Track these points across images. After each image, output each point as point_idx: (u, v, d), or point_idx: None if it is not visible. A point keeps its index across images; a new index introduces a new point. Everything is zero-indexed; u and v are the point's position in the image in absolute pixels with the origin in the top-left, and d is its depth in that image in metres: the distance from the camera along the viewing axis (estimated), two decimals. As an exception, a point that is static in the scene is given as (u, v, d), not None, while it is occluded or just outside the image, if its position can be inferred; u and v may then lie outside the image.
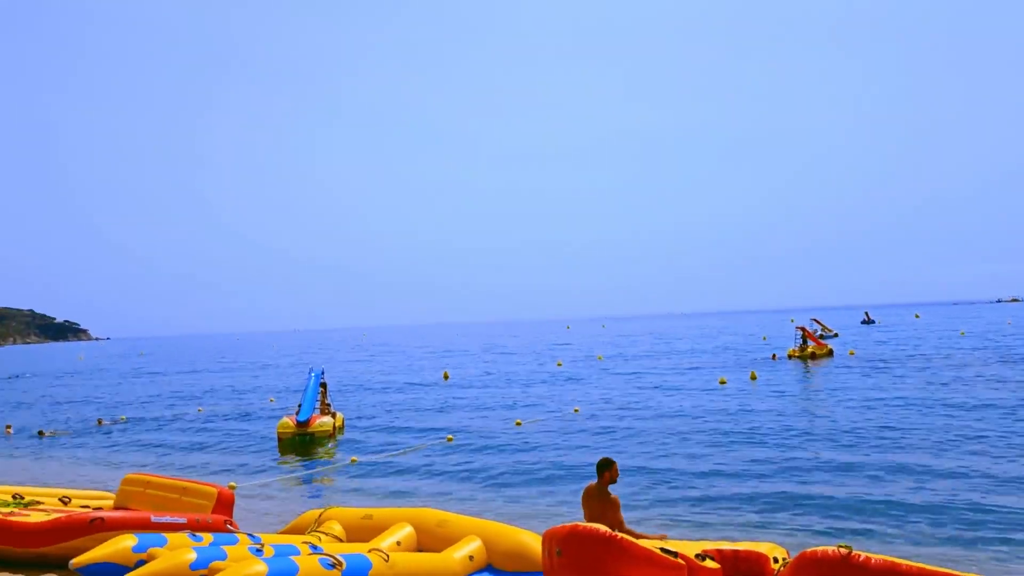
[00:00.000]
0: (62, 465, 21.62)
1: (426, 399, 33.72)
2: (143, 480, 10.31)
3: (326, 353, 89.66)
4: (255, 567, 6.27)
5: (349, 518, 8.79)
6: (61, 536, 8.37)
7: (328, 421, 23.57)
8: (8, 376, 75.06)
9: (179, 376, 63.19)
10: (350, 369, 57.84)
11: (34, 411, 38.61)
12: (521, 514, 13.35)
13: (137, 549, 7.25)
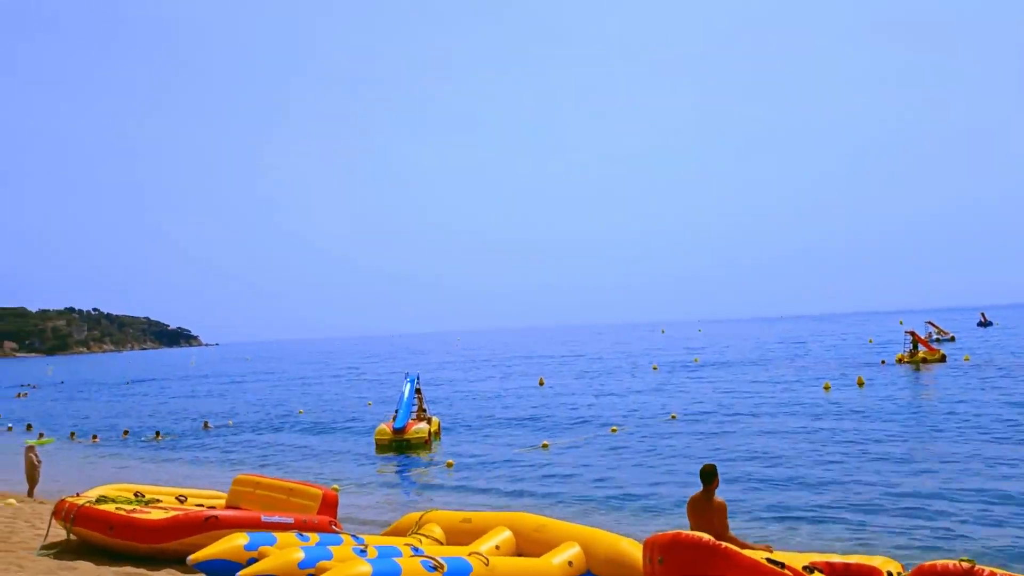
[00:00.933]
0: (174, 465, 22.73)
1: (521, 404, 33.85)
2: (253, 481, 10.70)
3: (421, 358, 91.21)
4: (360, 567, 6.41)
5: (448, 521, 8.88)
6: (179, 533, 8.79)
7: (424, 427, 23.94)
8: (127, 381, 79.52)
9: (282, 380, 65.53)
10: (445, 374, 58.68)
11: (149, 414, 40.77)
12: (617, 521, 13.22)
13: (249, 547, 7.53)
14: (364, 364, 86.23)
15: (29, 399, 57.93)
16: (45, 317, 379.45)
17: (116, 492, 10.27)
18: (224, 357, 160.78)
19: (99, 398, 56.09)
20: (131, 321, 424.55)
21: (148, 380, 78.78)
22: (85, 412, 43.95)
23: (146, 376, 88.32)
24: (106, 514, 8.97)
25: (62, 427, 34.19)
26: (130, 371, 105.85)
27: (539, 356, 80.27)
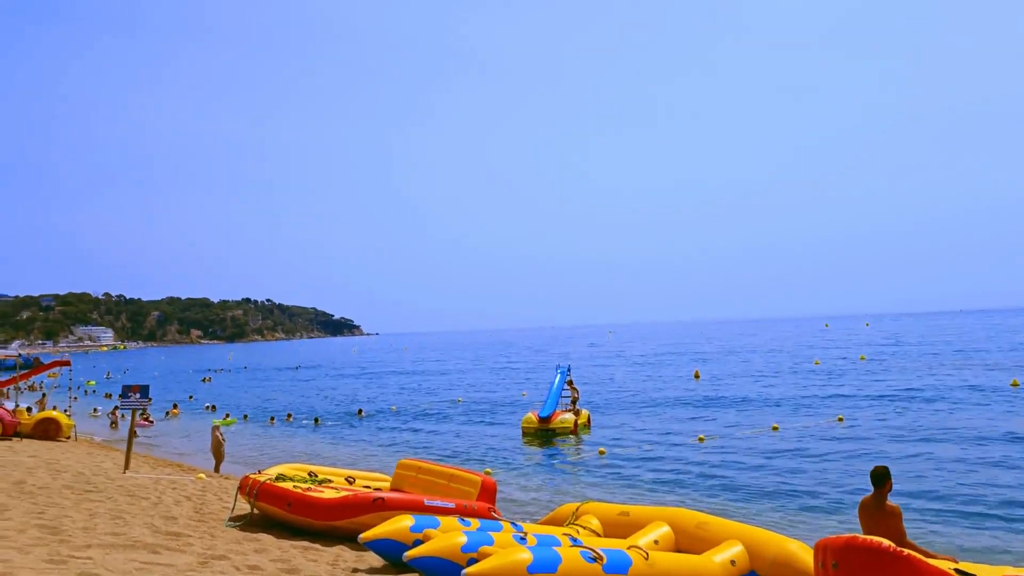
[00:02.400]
0: (337, 447, 23.97)
1: (676, 398, 33.24)
2: (415, 465, 11.11)
3: (573, 350, 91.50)
4: (521, 554, 6.50)
5: (606, 513, 8.85)
6: (349, 512, 9.26)
7: (569, 418, 24.05)
8: (296, 367, 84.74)
9: (440, 369, 67.71)
10: (597, 366, 58.57)
11: (316, 399, 43.25)
12: (778, 520, 12.73)
13: (414, 529, 7.82)
14: (519, 356, 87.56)
15: (212, 383, 62.92)
16: (225, 307, 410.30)
17: (293, 471, 10.95)
18: (383, 347, 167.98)
19: (271, 383, 60.11)
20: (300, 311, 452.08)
21: (315, 367, 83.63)
22: (260, 396, 47.21)
23: (313, 363, 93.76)
24: (285, 491, 9.58)
25: (241, 409, 36.86)
26: (299, 358, 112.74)
27: (699, 349, 78.57)
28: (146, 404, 16.14)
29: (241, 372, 79.33)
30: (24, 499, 10.37)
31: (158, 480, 14.02)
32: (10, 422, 20.98)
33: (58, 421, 22.50)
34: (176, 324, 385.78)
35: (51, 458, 16.42)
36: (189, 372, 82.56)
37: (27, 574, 6.30)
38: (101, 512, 9.70)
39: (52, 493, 11.06)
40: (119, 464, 15.98)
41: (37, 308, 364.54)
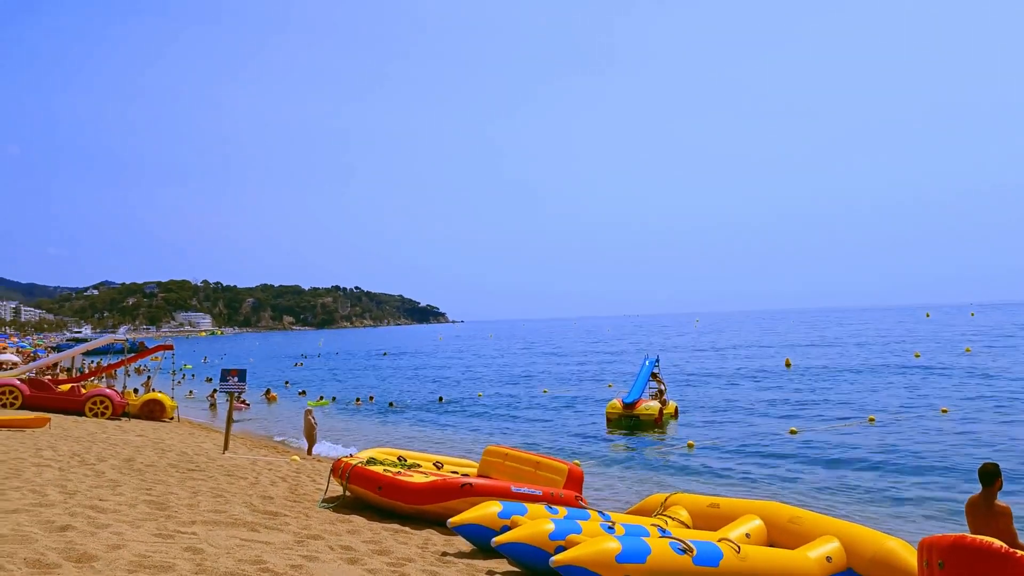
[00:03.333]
0: (420, 433, 24.38)
1: (766, 388, 32.50)
2: (502, 452, 11.19)
3: (659, 339, 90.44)
4: (609, 543, 6.46)
5: (695, 505, 8.72)
6: (438, 496, 9.40)
7: (654, 406, 23.78)
8: (383, 353, 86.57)
9: (523, 357, 68.02)
10: (684, 355, 57.73)
11: (399, 385, 44.09)
12: (872, 518, 12.29)
13: (502, 515, 7.89)
14: (603, 344, 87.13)
15: (304, 368, 64.91)
16: (316, 295, 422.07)
17: (383, 455, 11.19)
18: (468, 334, 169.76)
19: (359, 369, 61.59)
20: (387, 299, 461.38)
21: (401, 354, 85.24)
22: (348, 381, 48.45)
23: (399, 350, 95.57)
24: (376, 475, 9.80)
25: (329, 394, 37.90)
26: (385, 345, 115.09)
27: (790, 338, 76.53)
28: (243, 388, 16.75)
29: (331, 358, 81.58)
30: (134, 476, 10.93)
31: (255, 461, 14.55)
32: (119, 403, 22.12)
33: (162, 402, 23.60)
34: (269, 311, 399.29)
35: (157, 438, 17.25)
36: (282, 357, 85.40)
37: (138, 547, 6.63)
38: (203, 490, 10.13)
39: (158, 471, 11.61)
40: (218, 445, 16.66)
41: (142, 295, 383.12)
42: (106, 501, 8.73)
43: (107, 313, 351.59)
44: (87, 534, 6.99)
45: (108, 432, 17.50)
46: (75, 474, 10.65)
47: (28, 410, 20.17)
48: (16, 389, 21.49)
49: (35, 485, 9.48)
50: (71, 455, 12.58)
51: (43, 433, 15.71)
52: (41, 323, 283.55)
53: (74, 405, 21.51)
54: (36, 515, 7.69)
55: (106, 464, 11.83)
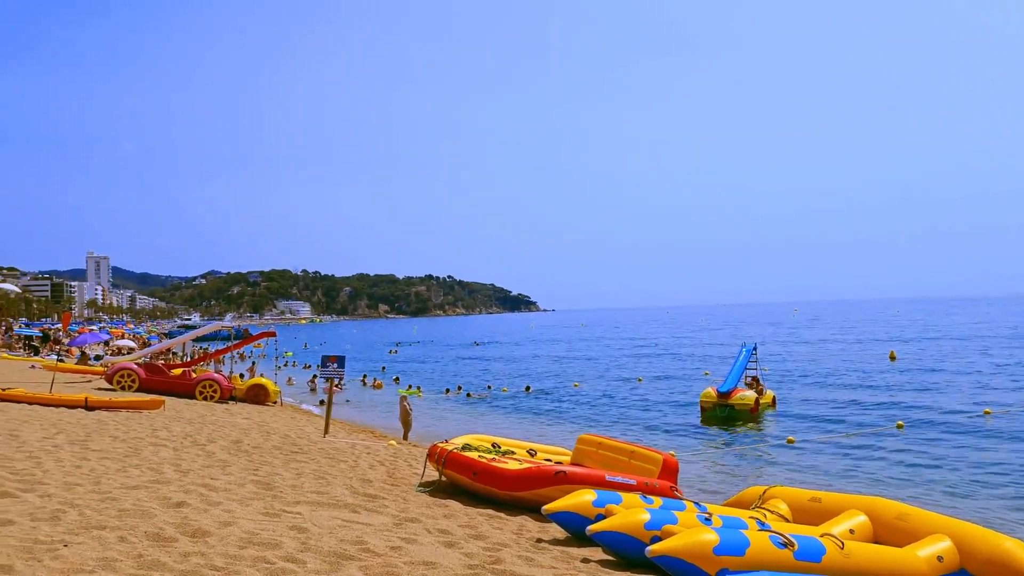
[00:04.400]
0: (511, 421, 24.55)
1: (869, 380, 31.32)
2: (595, 441, 11.14)
3: (757, 328, 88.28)
4: (706, 535, 6.36)
5: (795, 498, 8.49)
6: (532, 484, 9.45)
7: (750, 395, 23.20)
8: (475, 342, 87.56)
9: (616, 346, 67.59)
10: (782, 346, 56.19)
11: (490, 372, 44.49)
12: (985, 517, 11.68)
13: (596, 504, 7.86)
14: (698, 333, 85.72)
15: (399, 355, 66.33)
16: (410, 283, 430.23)
17: (477, 441, 11.33)
18: (560, 323, 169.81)
19: (452, 356, 62.50)
20: (479, 287, 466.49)
21: (493, 342, 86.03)
22: (440, 368, 49.25)
23: (491, 338, 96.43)
24: (471, 460, 9.93)
25: (423, 381, 38.61)
26: (477, 333, 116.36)
27: (893, 329, 73.51)
28: (342, 374, 17.25)
29: (425, 345, 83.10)
30: (241, 456, 11.43)
31: (354, 445, 14.98)
32: (227, 387, 23.15)
33: (266, 387, 24.56)
34: (365, 299, 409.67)
35: (261, 421, 17.97)
36: (378, 344, 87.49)
37: (247, 524, 6.94)
38: (306, 472, 10.51)
39: (264, 453, 12.10)
40: (319, 429, 17.22)
41: (246, 284, 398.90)
42: (217, 480, 9.16)
43: (214, 301, 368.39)
44: (200, 511, 7.36)
45: (217, 415, 18.34)
46: (188, 454, 11.21)
47: (144, 393, 21.34)
48: (134, 373, 22.78)
49: (152, 463, 10.03)
50: (184, 436, 13.25)
51: (158, 415, 16.60)
52: (154, 311, 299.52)
53: (185, 389, 22.63)
54: (154, 491, 8.14)
55: (216, 445, 12.41)
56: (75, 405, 16.67)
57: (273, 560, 5.87)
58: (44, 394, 17.45)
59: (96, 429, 13.09)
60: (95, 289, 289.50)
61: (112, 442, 11.68)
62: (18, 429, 12.31)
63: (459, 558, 6.52)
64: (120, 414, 16.06)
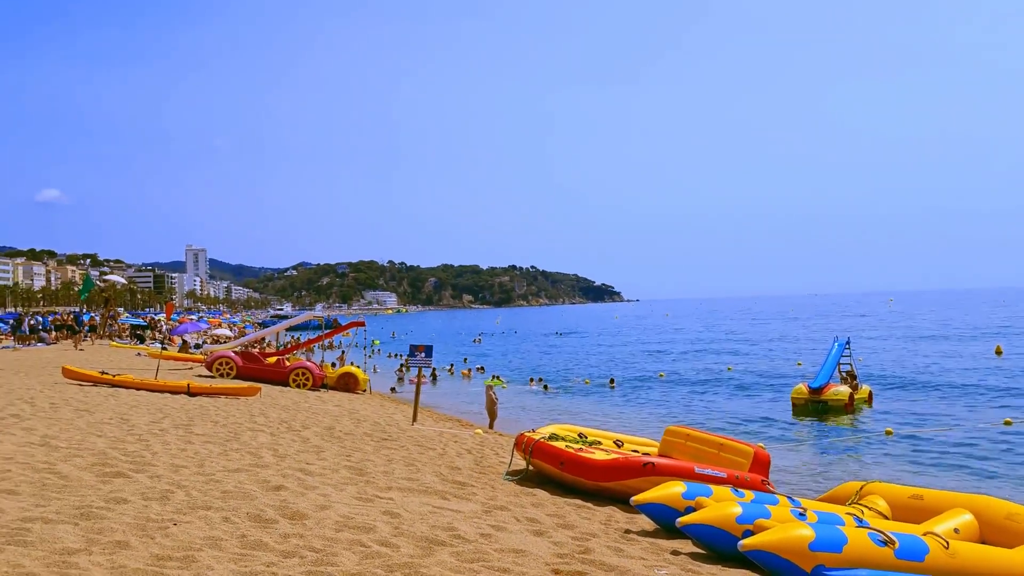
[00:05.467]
0: (594, 411, 24.42)
1: (974, 374, 29.90)
2: (683, 433, 11.00)
3: (850, 320, 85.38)
4: (801, 530, 6.21)
5: (895, 495, 8.20)
6: (619, 475, 9.40)
7: (844, 390, 22.40)
8: (557, 332, 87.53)
9: (702, 337, 66.50)
10: (878, 337, 54.21)
11: (573, 363, 44.37)
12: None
13: (686, 496, 7.76)
14: (788, 324, 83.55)
15: (483, 344, 66.92)
16: (493, 274, 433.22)
17: (564, 431, 11.33)
18: (644, 313, 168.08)
19: (535, 347, 62.65)
20: (562, 278, 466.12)
21: (576, 333, 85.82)
22: (523, 358, 49.42)
23: (574, 329, 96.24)
24: (558, 450, 9.95)
25: (506, 370, 38.84)
26: (561, 323, 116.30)
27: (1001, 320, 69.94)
28: (429, 363, 17.51)
29: (509, 335, 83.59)
30: (334, 443, 11.77)
31: (441, 433, 15.22)
32: (318, 375, 23.84)
33: (356, 376, 25.16)
34: (450, 289, 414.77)
35: (352, 408, 18.44)
36: (462, 334, 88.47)
37: (342, 508, 7.15)
38: (397, 459, 10.74)
39: (355, 439, 12.42)
40: (407, 416, 17.55)
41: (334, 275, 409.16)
42: (312, 465, 9.46)
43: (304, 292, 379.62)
44: (298, 494, 7.61)
45: (309, 402, 18.92)
46: (284, 439, 11.61)
47: (241, 380, 22.19)
48: (231, 361, 23.70)
49: (251, 448, 10.43)
50: (279, 422, 13.73)
51: (255, 401, 17.23)
52: (248, 301, 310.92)
53: (279, 376, 23.41)
54: (254, 475, 8.47)
55: (310, 431, 12.81)
56: (178, 391, 17.48)
57: (368, 544, 6.03)
58: (150, 380, 18.35)
59: (198, 414, 13.69)
60: (194, 280, 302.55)
61: (213, 427, 12.20)
62: (128, 413, 12.99)
63: (548, 547, 6.55)
64: (220, 400, 16.75)
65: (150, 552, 5.37)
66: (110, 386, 17.75)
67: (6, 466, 7.97)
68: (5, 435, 9.94)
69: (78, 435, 10.30)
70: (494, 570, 5.69)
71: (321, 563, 5.46)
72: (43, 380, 18.81)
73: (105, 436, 10.36)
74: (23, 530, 5.63)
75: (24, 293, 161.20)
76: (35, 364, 25.28)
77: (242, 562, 5.33)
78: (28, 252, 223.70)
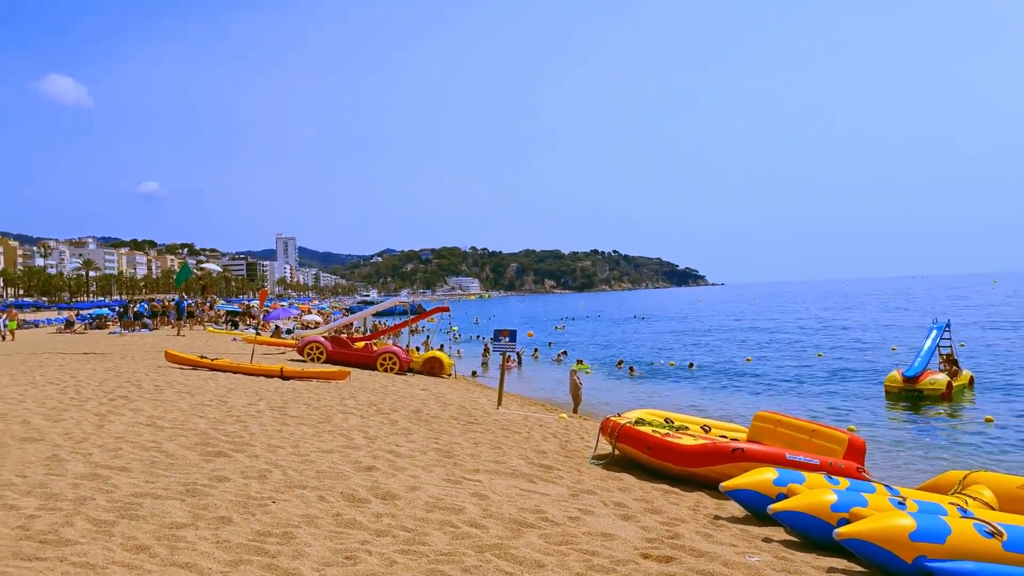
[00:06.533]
0: (675, 396, 24.10)
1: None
2: (774, 418, 10.75)
3: (950, 303, 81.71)
4: (902, 519, 5.99)
5: (1002, 485, 7.82)
6: (708, 460, 9.27)
7: (941, 379, 21.37)
8: (640, 316, 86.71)
9: (792, 321, 64.77)
10: (979, 323, 51.72)
11: (653, 347, 43.86)
12: None
13: (777, 483, 7.59)
14: (881, 309, 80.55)
15: (566, 331, 66.88)
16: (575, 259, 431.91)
17: (650, 416, 11.24)
18: (730, 297, 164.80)
19: (617, 331, 62.22)
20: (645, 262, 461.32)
21: (659, 317, 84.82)
22: (606, 343, 49.15)
23: (657, 313, 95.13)
24: (644, 435, 9.87)
25: (589, 355, 38.72)
26: (643, 308, 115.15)
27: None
28: (513, 347, 17.60)
29: (591, 320, 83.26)
30: (422, 426, 11.99)
31: (526, 417, 15.30)
32: (405, 360, 24.29)
33: (441, 360, 25.52)
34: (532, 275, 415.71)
35: (438, 392, 18.72)
36: (544, 319, 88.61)
37: (432, 489, 7.29)
38: (483, 442, 10.86)
39: (442, 422, 12.62)
40: (492, 400, 17.71)
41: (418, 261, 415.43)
42: (401, 447, 9.66)
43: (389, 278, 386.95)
44: (389, 475, 7.79)
45: (397, 385, 19.31)
46: (374, 421, 11.89)
47: (331, 364, 22.81)
48: (321, 345, 24.39)
49: (343, 430, 10.72)
50: (369, 405, 14.06)
51: (345, 385, 17.70)
52: (336, 287, 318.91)
53: (367, 361, 23.96)
54: (346, 456, 8.71)
55: (398, 414, 13.08)
56: (272, 375, 18.10)
57: (458, 524, 6.13)
58: (246, 364, 19.07)
59: (292, 397, 14.15)
60: (284, 268, 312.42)
61: (306, 409, 12.59)
62: (226, 396, 13.54)
63: (636, 531, 6.52)
64: (311, 383, 17.27)
65: (251, 528, 5.60)
66: (209, 370, 18.54)
67: (118, 444, 8.43)
68: (116, 416, 10.51)
69: (181, 416, 10.79)
70: (583, 553, 5.70)
71: (413, 542, 5.58)
72: (147, 364, 19.79)
73: (206, 417, 10.83)
74: (135, 505, 5.95)
75: (128, 281, 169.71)
76: (140, 349, 26.61)
77: (338, 540, 5.51)
78: (131, 242, 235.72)
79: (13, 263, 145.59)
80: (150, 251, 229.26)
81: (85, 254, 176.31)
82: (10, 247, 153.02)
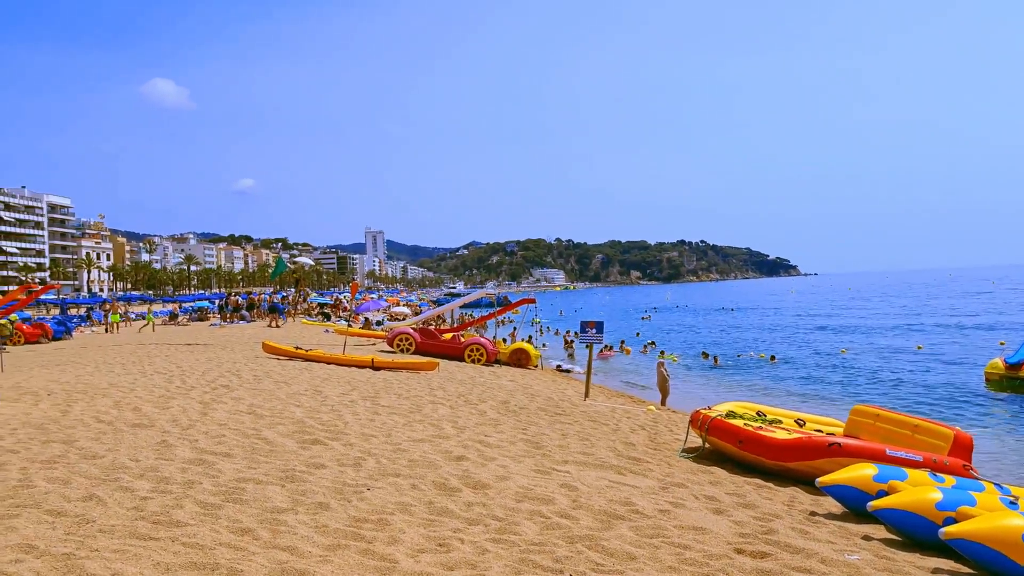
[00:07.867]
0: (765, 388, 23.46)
1: None
2: (872, 412, 10.36)
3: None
4: (1013, 519, 5.69)
5: (1126, 486, 7.35)
6: (802, 455, 9.02)
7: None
8: (729, 307, 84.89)
9: (887, 312, 62.30)
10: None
11: (742, 339, 42.84)
12: None
13: (877, 479, 7.32)
14: (985, 298, 76.63)
15: (652, 321, 66.12)
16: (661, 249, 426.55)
17: (742, 409, 11.00)
18: (823, 287, 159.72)
19: (705, 323, 61.10)
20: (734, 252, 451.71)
21: (749, 308, 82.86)
22: (693, 334, 48.34)
23: (747, 304, 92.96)
24: (736, 428, 9.68)
25: (675, 346, 38.18)
26: (732, 299, 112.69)
27: None
28: (600, 339, 17.52)
29: (679, 311, 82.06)
30: (510, 416, 12.07)
31: (614, 409, 15.21)
32: (492, 351, 24.48)
33: (528, 352, 25.61)
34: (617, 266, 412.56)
35: (525, 383, 18.81)
36: (630, 310, 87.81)
37: (521, 479, 7.34)
38: (571, 433, 10.86)
39: (530, 413, 12.67)
40: (579, 392, 17.69)
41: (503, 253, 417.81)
42: (490, 437, 9.76)
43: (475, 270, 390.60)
44: (479, 464, 7.89)
45: (484, 377, 19.49)
46: (463, 412, 12.04)
47: (420, 355, 23.20)
48: (411, 337, 24.83)
49: (433, 420, 10.90)
50: (457, 395, 14.24)
51: (434, 376, 17.98)
52: (423, 280, 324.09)
53: (455, 352, 24.26)
54: (436, 445, 8.85)
55: (486, 405, 13.20)
56: (364, 365, 18.54)
57: (548, 515, 6.16)
58: (338, 355, 19.59)
59: (383, 387, 14.47)
60: (373, 261, 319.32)
61: (397, 399, 12.86)
62: (321, 386, 13.95)
63: (729, 526, 6.41)
64: (401, 374, 17.61)
65: (348, 514, 5.77)
66: (304, 360, 19.13)
67: (221, 431, 8.81)
68: (219, 404, 10.98)
69: (279, 405, 11.19)
70: (674, 546, 5.64)
71: (504, 531, 5.64)
72: (246, 354, 20.57)
73: (302, 406, 11.19)
74: (239, 489, 6.21)
75: (226, 275, 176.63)
76: (239, 340, 27.68)
77: (431, 527, 5.61)
78: (228, 238, 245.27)
79: (122, 259, 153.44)
80: (246, 246, 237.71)
81: (186, 249, 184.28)
82: (119, 244, 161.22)
